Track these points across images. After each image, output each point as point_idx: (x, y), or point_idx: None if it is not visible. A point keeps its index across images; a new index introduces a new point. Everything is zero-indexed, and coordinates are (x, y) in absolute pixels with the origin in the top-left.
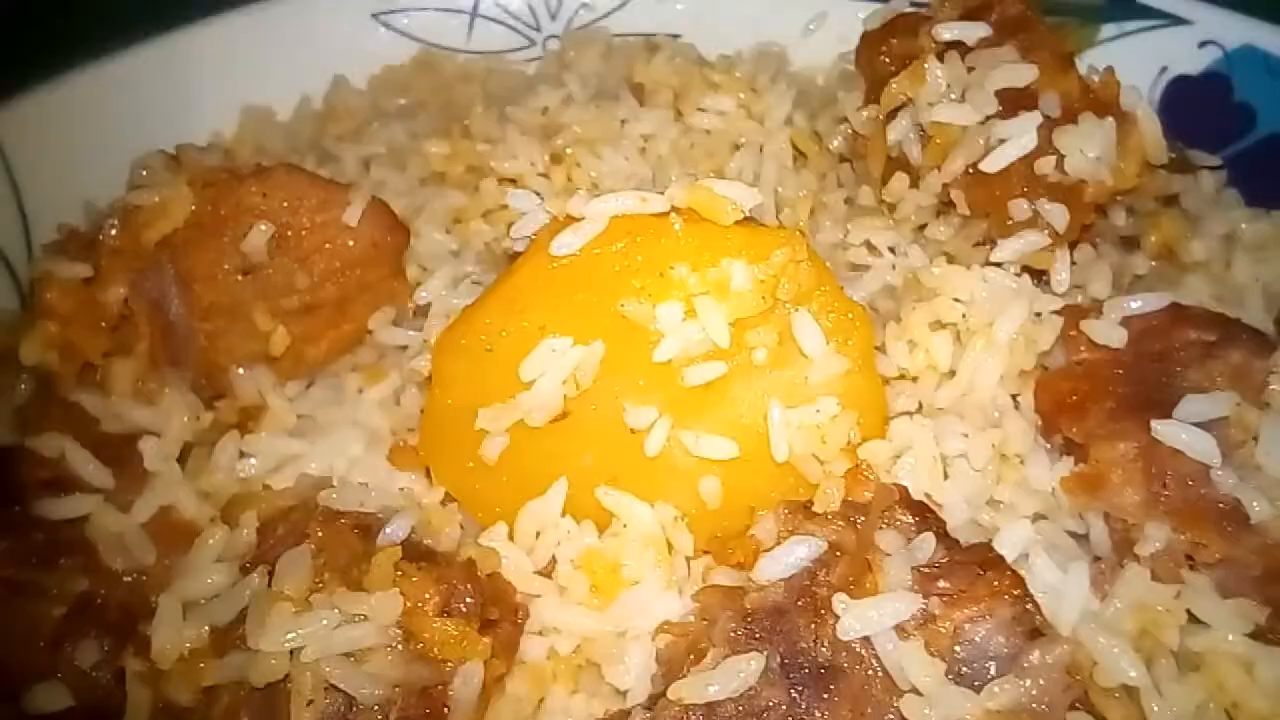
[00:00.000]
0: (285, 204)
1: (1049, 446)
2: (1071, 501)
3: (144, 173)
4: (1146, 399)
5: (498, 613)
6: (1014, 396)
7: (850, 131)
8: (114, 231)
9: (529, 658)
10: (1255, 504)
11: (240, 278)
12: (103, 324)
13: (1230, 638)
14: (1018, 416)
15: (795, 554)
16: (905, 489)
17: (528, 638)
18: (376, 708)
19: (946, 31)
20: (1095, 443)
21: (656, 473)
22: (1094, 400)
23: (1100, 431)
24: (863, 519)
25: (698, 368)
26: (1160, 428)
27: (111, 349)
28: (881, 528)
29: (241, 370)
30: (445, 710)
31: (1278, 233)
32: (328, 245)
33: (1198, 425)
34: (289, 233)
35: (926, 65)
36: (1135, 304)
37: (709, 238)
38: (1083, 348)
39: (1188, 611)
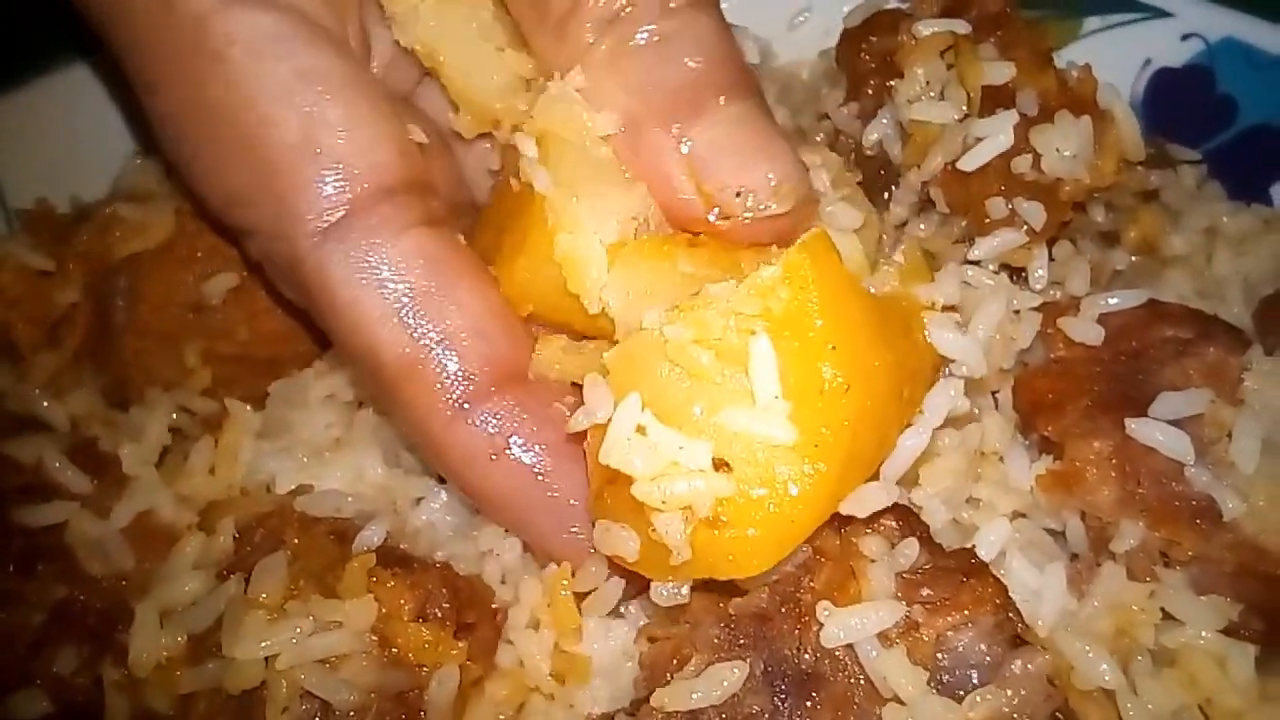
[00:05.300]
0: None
1: (1028, 444)
2: (1047, 499)
3: (134, 177)
4: (1122, 396)
5: (474, 616)
6: (993, 394)
7: (833, 128)
8: (86, 236)
9: (509, 663)
10: (1228, 501)
11: (189, 313)
12: (46, 319)
13: (1204, 634)
14: (996, 414)
15: None
16: None
17: (507, 643)
18: (352, 713)
19: (925, 29)
20: (1071, 441)
21: None
22: (1070, 398)
23: (1076, 430)
24: (845, 525)
25: None
26: (1135, 426)
27: (43, 343)
28: (866, 533)
29: (159, 391)
30: (421, 715)
31: (1259, 225)
32: (279, 309)
33: (1172, 423)
34: (248, 286)
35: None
36: (1112, 301)
37: None
38: (1060, 345)
39: (1161, 609)
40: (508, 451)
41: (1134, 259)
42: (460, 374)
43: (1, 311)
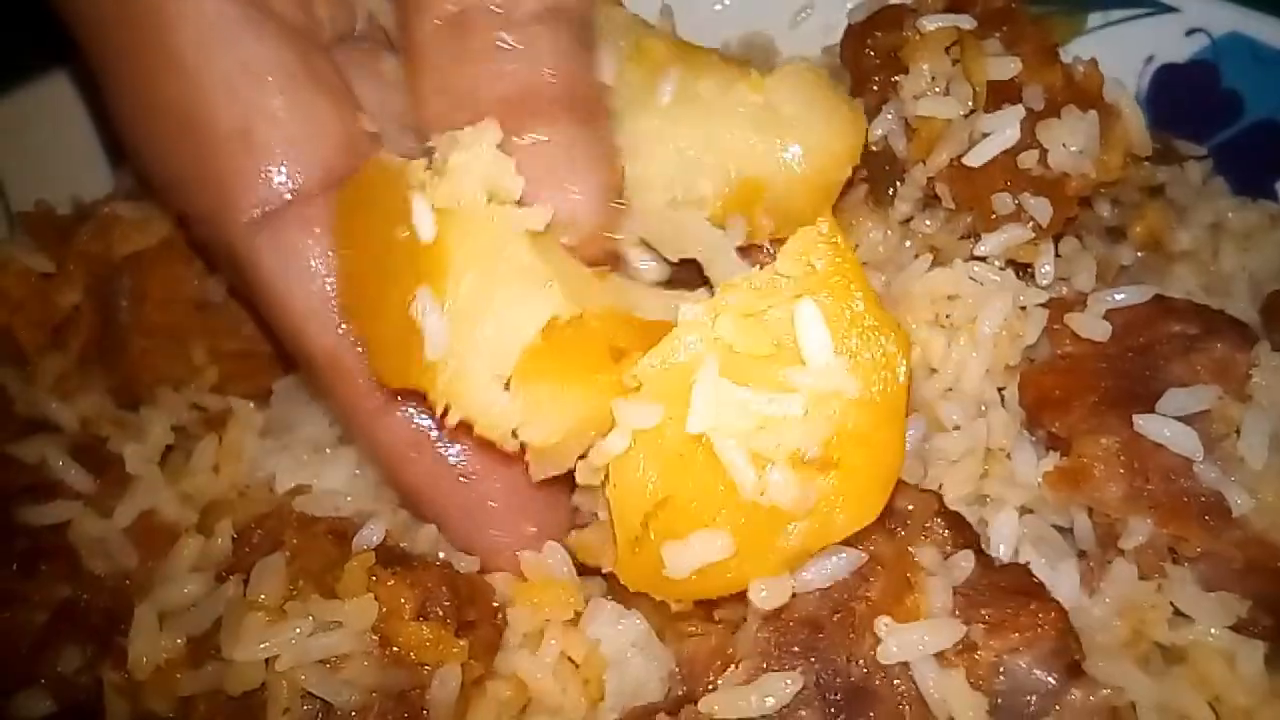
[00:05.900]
0: None
1: (1034, 440)
2: (1054, 496)
3: (133, 175)
4: (1129, 392)
5: (475, 614)
6: (1000, 390)
7: None
8: (87, 236)
9: (512, 666)
10: (1237, 497)
11: (193, 310)
12: (49, 322)
13: (1213, 631)
14: (1003, 410)
15: (833, 564)
16: (941, 497)
17: (510, 649)
18: (354, 713)
19: (930, 24)
20: (1078, 437)
21: None
22: (1077, 394)
23: (1083, 426)
24: (901, 530)
25: None
26: (1142, 422)
27: (47, 345)
28: (921, 540)
29: (169, 390)
30: (423, 714)
31: (1265, 221)
32: None
33: (1180, 419)
34: None
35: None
36: (1119, 296)
37: None
38: (1067, 341)
39: (1170, 605)
40: (431, 448)
41: (1140, 255)
42: None
43: (4, 316)
